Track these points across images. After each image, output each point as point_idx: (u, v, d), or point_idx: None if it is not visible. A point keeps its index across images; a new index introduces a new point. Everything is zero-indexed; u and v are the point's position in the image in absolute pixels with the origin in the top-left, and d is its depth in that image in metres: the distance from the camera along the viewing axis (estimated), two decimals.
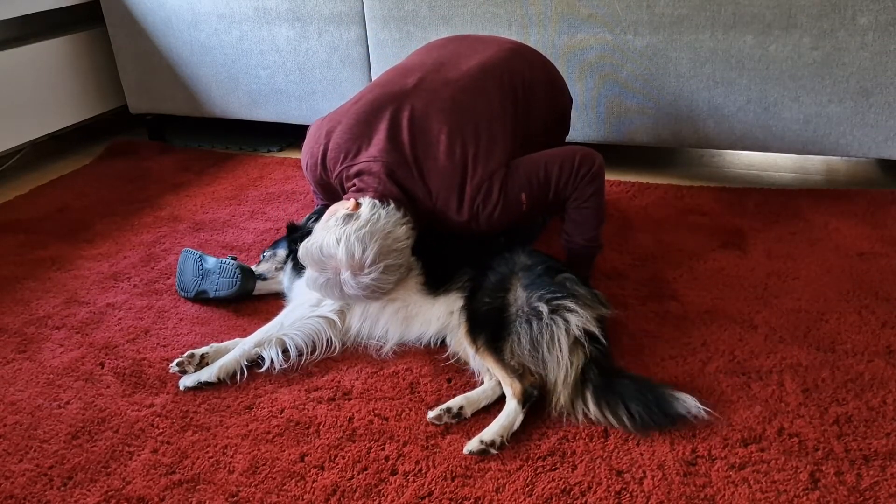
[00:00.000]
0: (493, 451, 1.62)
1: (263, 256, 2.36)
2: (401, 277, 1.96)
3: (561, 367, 1.73)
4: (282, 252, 2.29)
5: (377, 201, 1.97)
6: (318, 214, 2.44)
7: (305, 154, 2.21)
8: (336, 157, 2.10)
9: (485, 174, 2.01)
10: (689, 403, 1.66)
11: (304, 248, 1.93)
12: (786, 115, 2.76)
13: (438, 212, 2.06)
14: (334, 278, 1.88)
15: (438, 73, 2.16)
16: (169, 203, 3.06)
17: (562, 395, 1.72)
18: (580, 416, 1.70)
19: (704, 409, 1.66)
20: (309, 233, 2.28)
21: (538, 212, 2.15)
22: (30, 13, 3.41)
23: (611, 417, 1.68)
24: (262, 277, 2.29)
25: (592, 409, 1.69)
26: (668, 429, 1.65)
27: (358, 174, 2.05)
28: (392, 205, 1.97)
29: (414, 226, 2.00)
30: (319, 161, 2.15)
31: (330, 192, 2.22)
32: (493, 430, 1.65)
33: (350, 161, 2.07)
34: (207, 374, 1.89)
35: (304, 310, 2.02)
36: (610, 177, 3.02)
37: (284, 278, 2.23)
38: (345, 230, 1.87)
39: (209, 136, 3.87)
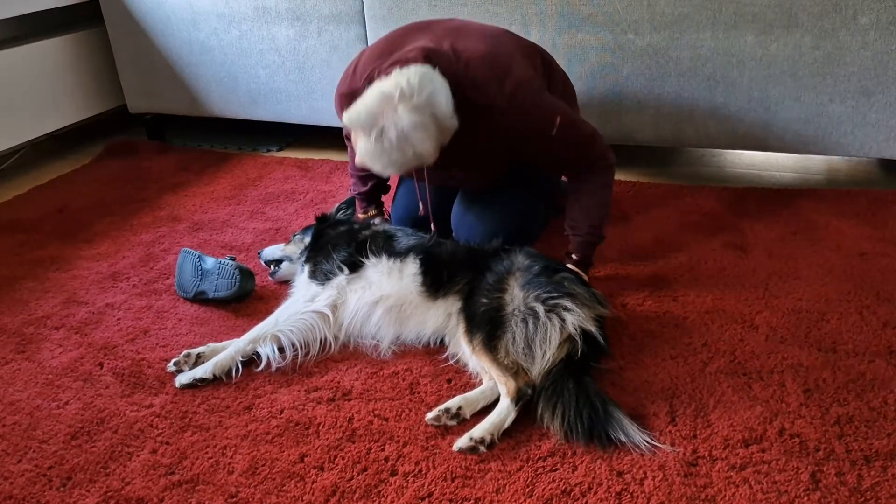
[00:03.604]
0: (483, 449, 1.61)
1: (293, 238, 2.37)
2: (435, 146, 1.91)
3: (544, 362, 1.73)
4: (307, 239, 2.29)
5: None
6: (349, 204, 2.43)
7: (340, 81, 2.19)
8: (368, 63, 2.06)
9: (527, 75, 2.03)
10: (629, 430, 1.60)
11: (346, 116, 1.89)
12: (787, 115, 2.75)
13: (471, 94, 1.97)
14: (388, 122, 1.82)
15: (462, 22, 2.22)
16: (168, 203, 3.05)
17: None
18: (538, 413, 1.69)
19: (645, 439, 1.60)
20: (338, 222, 2.29)
21: (558, 154, 2.11)
22: (29, 13, 3.40)
23: (547, 419, 1.66)
24: (291, 259, 2.31)
25: (540, 407, 1.68)
26: (600, 449, 1.60)
27: (392, 64, 1.96)
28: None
29: (454, 92, 1.93)
30: (351, 73, 2.12)
31: None
32: (483, 428, 1.65)
33: (384, 59, 2.01)
34: (203, 370, 1.89)
35: (299, 305, 2.02)
36: None
37: (297, 271, 2.23)
38: (383, 83, 1.86)
39: (209, 135, 3.86)
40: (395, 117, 1.82)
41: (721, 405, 1.72)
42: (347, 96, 2.11)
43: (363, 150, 1.89)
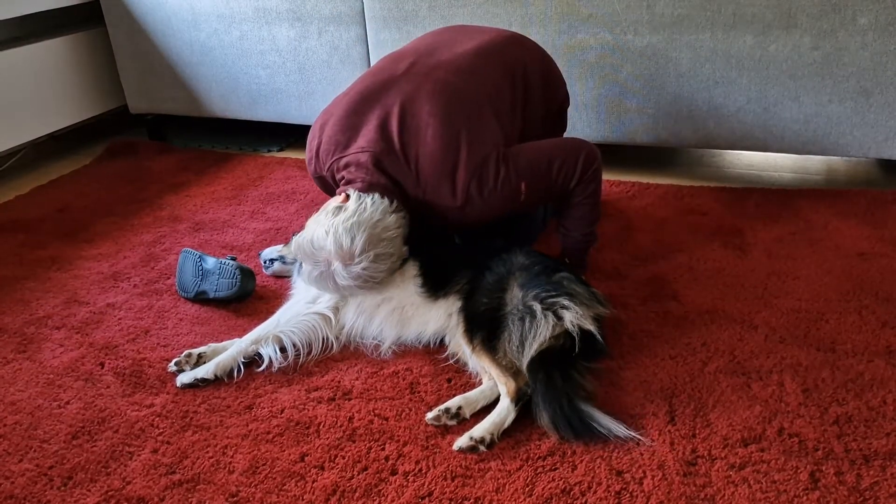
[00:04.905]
0: (483, 449, 1.62)
1: (292, 239, 2.38)
2: (392, 266, 1.96)
3: (530, 356, 1.73)
4: None
5: (363, 193, 1.97)
6: None
7: (306, 150, 2.22)
8: (328, 150, 2.10)
9: (478, 159, 1.99)
10: (604, 422, 1.62)
11: (295, 242, 1.95)
12: (786, 115, 2.76)
13: (429, 199, 2.03)
14: (326, 270, 1.89)
15: (431, 56, 2.15)
16: (169, 203, 3.06)
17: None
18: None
19: (623, 429, 1.62)
20: None
21: (536, 202, 2.14)
22: (29, 13, 3.41)
23: (537, 415, 1.67)
24: (283, 260, 2.35)
25: (534, 409, 1.70)
26: (590, 443, 1.62)
27: (346, 166, 2.05)
28: (378, 195, 1.96)
29: (405, 214, 2.00)
30: (314, 155, 2.16)
31: (329, 188, 2.23)
32: (483, 427, 1.65)
33: (340, 153, 2.07)
34: (204, 371, 1.90)
35: (301, 307, 2.03)
36: (610, 177, 3.02)
37: (294, 271, 2.24)
38: (333, 222, 1.88)
39: (209, 136, 3.87)
40: (334, 270, 1.89)
41: (720, 405, 1.73)
42: (318, 180, 2.22)
43: (307, 274, 1.96)
